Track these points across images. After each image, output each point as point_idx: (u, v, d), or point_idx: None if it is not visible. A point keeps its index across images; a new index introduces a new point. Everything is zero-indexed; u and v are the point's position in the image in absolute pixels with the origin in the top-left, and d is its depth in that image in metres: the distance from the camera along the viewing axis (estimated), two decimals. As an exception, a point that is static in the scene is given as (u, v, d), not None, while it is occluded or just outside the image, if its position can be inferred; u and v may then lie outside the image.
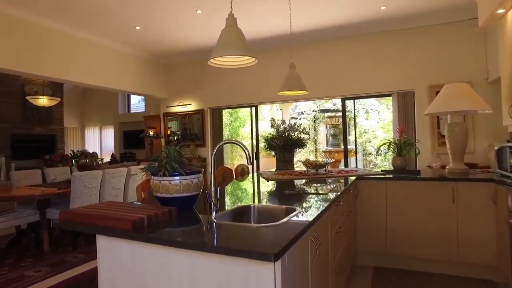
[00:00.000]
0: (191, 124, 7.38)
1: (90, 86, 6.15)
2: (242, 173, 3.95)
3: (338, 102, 9.06)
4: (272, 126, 4.29)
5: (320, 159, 3.71)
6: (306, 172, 3.59)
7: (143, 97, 10.66)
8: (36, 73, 5.06)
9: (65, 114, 10.52)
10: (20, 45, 4.79)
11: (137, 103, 11.39)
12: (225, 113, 7.28)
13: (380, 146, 3.88)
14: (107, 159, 11.18)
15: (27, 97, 7.71)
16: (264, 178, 3.42)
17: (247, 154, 1.89)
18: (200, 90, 7.18)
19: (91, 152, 5.23)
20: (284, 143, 4.05)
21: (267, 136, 4.22)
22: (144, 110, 10.82)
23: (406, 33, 5.57)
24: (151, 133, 7.25)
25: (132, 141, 10.66)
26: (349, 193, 2.90)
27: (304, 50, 6.08)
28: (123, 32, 5.67)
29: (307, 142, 4.47)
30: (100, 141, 11.40)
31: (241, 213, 1.99)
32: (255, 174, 4.02)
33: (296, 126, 4.27)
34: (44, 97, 7.46)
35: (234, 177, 3.80)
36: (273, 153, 4.32)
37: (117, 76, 6.32)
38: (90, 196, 4.23)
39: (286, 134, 4.19)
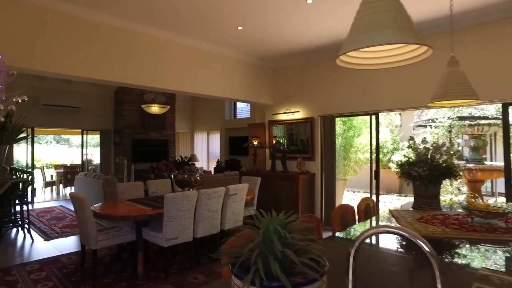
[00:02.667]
0: (297, 133, 6.56)
1: (196, 95, 5.88)
2: (366, 210, 2.92)
3: (485, 107, 7.08)
4: (410, 146, 3.12)
5: (490, 202, 2.43)
6: (470, 223, 2.36)
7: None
8: (145, 84, 4.92)
9: (176, 120, 10.93)
10: (131, 58, 4.68)
11: (243, 107, 11.18)
12: (337, 121, 6.23)
13: None
14: (213, 164, 11.25)
15: (142, 106, 8.04)
16: (401, 226, 2.34)
17: (427, 251, 0.91)
18: (309, 96, 6.30)
19: (190, 166, 4.82)
20: (429, 172, 2.86)
21: (403, 161, 3.08)
22: (249, 116, 10.50)
23: None
24: (255, 143, 6.69)
25: (238, 148, 10.43)
26: None
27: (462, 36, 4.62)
28: (225, 35, 5.17)
29: (460, 170, 3.15)
30: (208, 146, 11.55)
31: None
32: (382, 210, 2.94)
33: (445, 147, 3.01)
34: (156, 105, 7.63)
35: (357, 217, 2.80)
36: (404, 179, 3.15)
37: (221, 83, 5.92)
38: (184, 220, 3.75)
39: (430, 158, 2.98)
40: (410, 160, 3.05)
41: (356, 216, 2.82)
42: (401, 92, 5.07)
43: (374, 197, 5.70)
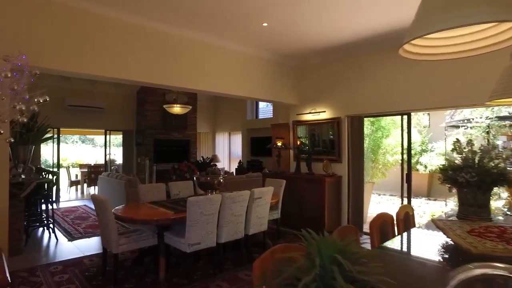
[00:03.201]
0: (322, 134, 6.31)
1: (218, 94, 5.74)
2: (406, 220, 2.66)
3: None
4: (455, 149, 2.84)
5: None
6: (531, 237, 2.07)
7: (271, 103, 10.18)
8: (168, 84, 4.81)
9: (198, 120, 10.87)
10: (153, 57, 4.58)
11: (265, 108, 10.99)
12: (365, 122, 5.93)
13: None
14: (234, 165, 11.11)
15: (164, 106, 8.00)
16: (451, 238, 2.07)
17: None
18: (336, 95, 6.04)
19: (213, 168, 4.67)
20: (479, 179, 2.57)
21: (445, 166, 2.80)
22: (271, 116, 10.30)
23: None
24: (279, 144, 6.48)
25: (259, 148, 10.26)
26: None
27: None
28: (250, 32, 4.99)
29: (512, 175, 2.83)
30: (229, 146, 11.43)
31: None
32: (422, 218, 2.67)
33: (496, 151, 2.71)
34: (178, 105, 7.56)
35: (396, 226, 2.55)
36: (448, 186, 2.87)
37: (244, 83, 5.75)
38: (207, 224, 3.60)
39: (478, 162, 2.69)
40: (455, 164, 2.76)
41: (395, 224, 2.58)
42: (438, 90, 4.73)
43: (405, 201, 5.39)
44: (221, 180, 4.35)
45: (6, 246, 3.51)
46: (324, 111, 6.17)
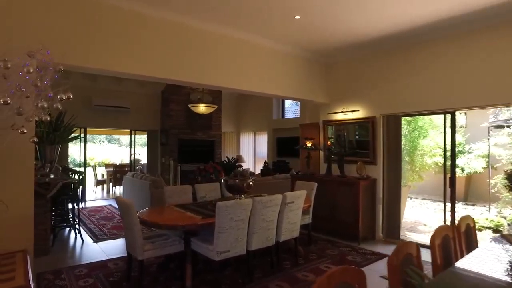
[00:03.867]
0: (355, 134, 5.95)
1: (247, 92, 5.50)
2: (467, 233, 2.31)
3: None
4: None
5: None
6: None
7: (297, 102, 9.87)
8: (195, 81, 4.61)
9: (222, 120, 10.70)
10: (181, 54, 4.39)
11: (291, 107, 10.69)
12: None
13: None
14: (259, 166, 10.87)
15: (189, 105, 7.85)
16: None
17: None
18: (370, 93, 5.67)
19: (242, 170, 4.43)
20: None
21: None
22: (298, 116, 10.00)
23: None
24: (309, 145, 6.17)
25: (286, 149, 9.98)
26: None
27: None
28: (280, 26, 4.71)
29: None
30: (254, 147, 11.21)
31: None
32: (480, 226, 2.31)
33: None
34: (203, 104, 7.39)
35: (457, 241, 2.21)
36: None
37: (273, 80, 5.48)
38: (237, 231, 3.35)
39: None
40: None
41: (456, 237, 2.23)
42: (489, 85, 4.29)
43: (448, 206, 4.97)
44: (251, 183, 4.10)
45: (32, 248, 3.40)
46: (358, 110, 5.81)
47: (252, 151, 11.27)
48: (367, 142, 5.70)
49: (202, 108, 7.45)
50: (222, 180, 4.22)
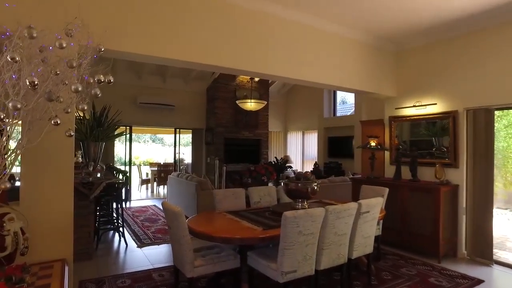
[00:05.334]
0: (430, 132, 5.09)
1: (304, 83, 4.84)
2: None
3: None
4: None
5: None
6: None
7: (346, 99, 9.05)
8: (253, 70, 4.04)
9: (269, 118, 10.13)
10: (237, 40, 3.84)
11: (339, 104, 9.88)
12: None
13: None
14: (308, 167, 10.16)
15: (237, 101, 7.36)
16: None
17: None
18: (452, 83, 4.79)
19: (302, 172, 3.77)
20: None
21: None
22: (350, 113, 9.18)
23: None
24: (373, 144, 5.39)
25: (338, 149, 9.19)
26: None
27: None
28: (347, 7, 4.01)
29: None
30: (302, 147, 10.51)
31: None
32: None
33: None
34: (252, 100, 6.85)
35: None
36: None
37: (335, 70, 4.79)
38: (306, 247, 2.73)
39: None
40: None
41: None
42: None
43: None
44: (316, 188, 3.46)
45: (71, 257, 3.01)
46: (435, 104, 4.95)
47: (300, 151, 10.58)
48: (446, 141, 4.83)
49: (250, 105, 6.91)
50: (282, 184, 3.61)
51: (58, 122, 2.11)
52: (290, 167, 8.10)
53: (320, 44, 4.60)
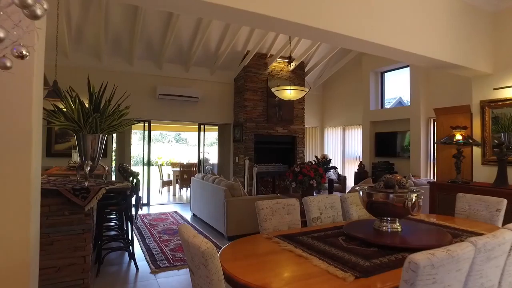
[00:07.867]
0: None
1: (383, 47, 3.56)
2: None
3: None
4: None
5: None
6: None
7: (404, 98, 7.62)
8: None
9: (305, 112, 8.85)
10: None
11: (391, 97, 8.47)
12: None
13: None
14: (351, 168, 8.82)
15: (272, 89, 6.14)
16: None
17: None
18: None
19: (391, 176, 2.44)
20: None
21: None
22: (407, 104, 7.78)
23: None
24: (459, 138, 4.03)
25: (387, 147, 7.81)
26: None
27: None
28: None
29: None
30: (343, 145, 9.15)
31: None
32: None
33: None
34: (292, 87, 5.60)
35: None
36: None
37: (420, 33, 3.48)
38: (439, 317, 1.45)
39: None
40: None
41: None
42: None
43: None
44: (420, 202, 2.18)
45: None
46: (560, 79, 3.54)
47: (340, 149, 9.22)
48: None
49: (289, 93, 5.66)
50: (361, 193, 2.35)
51: (8, 65, 0.97)
52: (335, 167, 6.80)
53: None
